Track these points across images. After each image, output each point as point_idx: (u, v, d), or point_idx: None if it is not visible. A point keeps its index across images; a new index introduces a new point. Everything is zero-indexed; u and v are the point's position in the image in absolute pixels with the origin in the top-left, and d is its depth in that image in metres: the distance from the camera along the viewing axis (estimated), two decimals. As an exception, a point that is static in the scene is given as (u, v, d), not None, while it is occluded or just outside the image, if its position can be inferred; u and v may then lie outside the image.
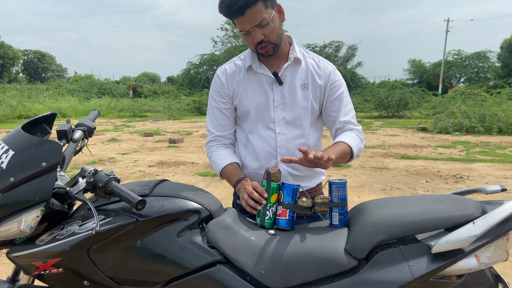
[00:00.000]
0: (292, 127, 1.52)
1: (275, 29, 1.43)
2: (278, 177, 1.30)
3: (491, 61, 34.05)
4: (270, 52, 1.47)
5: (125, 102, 21.99)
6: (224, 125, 1.60)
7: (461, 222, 1.13)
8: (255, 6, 1.35)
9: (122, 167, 6.81)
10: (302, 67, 1.55)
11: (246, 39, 1.44)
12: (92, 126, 1.52)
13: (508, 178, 6.05)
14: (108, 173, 1.15)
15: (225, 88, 1.57)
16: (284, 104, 1.51)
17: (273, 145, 1.52)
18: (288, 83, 1.52)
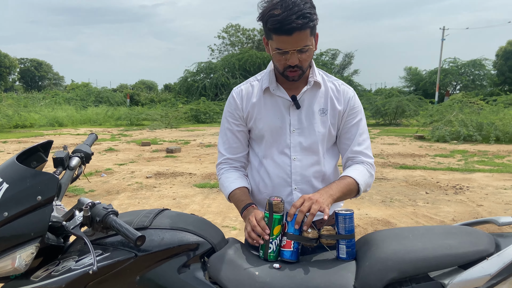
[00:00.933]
0: (308, 153, 1.47)
1: (311, 56, 1.39)
2: (280, 208, 1.26)
3: (487, 68, 34.28)
4: (296, 78, 1.41)
5: (122, 111, 21.93)
6: (236, 147, 1.55)
7: (475, 259, 1.09)
8: (304, 31, 1.29)
9: (119, 179, 6.74)
10: (322, 91, 1.50)
11: (277, 57, 1.37)
12: (89, 152, 1.48)
13: (507, 188, 6.03)
14: (106, 206, 1.10)
15: (239, 110, 1.52)
16: (301, 129, 1.46)
17: (288, 171, 1.47)
18: (306, 107, 1.47)
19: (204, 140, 12.81)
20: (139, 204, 5.18)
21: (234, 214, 4.70)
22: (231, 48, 41.84)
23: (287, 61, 1.35)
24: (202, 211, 4.84)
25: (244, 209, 1.41)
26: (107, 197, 5.51)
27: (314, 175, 1.48)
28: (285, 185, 1.48)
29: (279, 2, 1.27)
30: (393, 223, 4.41)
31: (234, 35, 42.05)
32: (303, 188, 1.48)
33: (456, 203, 5.22)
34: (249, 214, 1.35)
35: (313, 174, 1.47)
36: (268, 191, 1.50)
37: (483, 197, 5.52)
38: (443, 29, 33.18)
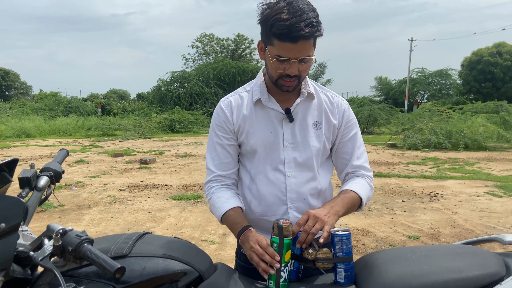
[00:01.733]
0: (303, 169, 1.39)
1: (309, 67, 1.32)
2: (290, 231, 1.15)
3: (453, 78, 35.52)
4: (291, 89, 1.33)
5: (93, 121, 21.35)
6: (227, 163, 1.44)
7: (486, 283, 1.03)
8: (309, 40, 1.23)
9: (91, 192, 6.49)
10: (315, 103, 1.43)
11: (276, 65, 1.28)
12: (59, 170, 1.35)
13: (480, 195, 6.16)
14: (79, 234, 0.99)
15: (229, 122, 1.42)
16: (295, 143, 1.38)
17: (283, 189, 1.38)
18: (299, 120, 1.39)
19: (180, 150, 12.59)
20: (112, 218, 4.98)
21: (212, 228, 4.57)
22: (205, 57, 41.69)
23: (286, 70, 1.27)
24: (179, 225, 4.69)
25: (241, 233, 1.29)
26: (77, 212, 5.27)
27: (310, 192, 1.40)
28: (280, 204, 1.39)
29: (285, 6, 1.19)
30: (372, 233, 4.39)
31: (208, 44, 41.97)
32: (299, 206, 1.40)
33: (432, 211, 5.28)
34: (248, 239, 1.24)
35: (309, 191, 1.39)
36: (261, 210, 1.41)
37: (457, 205, 5.61)
38: (411, 40, 34.22)
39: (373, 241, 4.14)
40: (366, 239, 4.20)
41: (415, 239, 4.17)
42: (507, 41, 32.37)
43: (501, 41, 32.45)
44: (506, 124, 14.81)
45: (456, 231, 4.42)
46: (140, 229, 4.54)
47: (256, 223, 1.43)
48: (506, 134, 12.97)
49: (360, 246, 3.99)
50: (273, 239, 1.16)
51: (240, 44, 41.54)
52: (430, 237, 4.25)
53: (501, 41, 32.45)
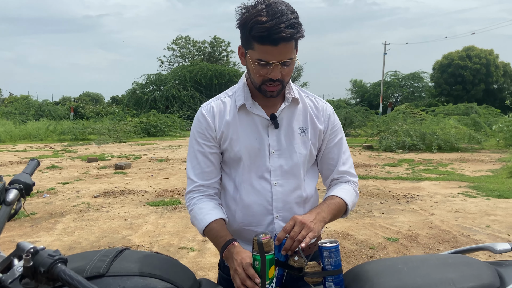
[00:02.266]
0: (289, 176, 1.35)
1: (292, 71, 1.28)
2: (271, 246, 1.10)
3: (425, 81, 36.50)
4: (275, 94, 1.29)
5: (65, 125, 20.76)
6: (209, 172, 1.37)
7: None
8: (290, 42, 1.19)
9: (64, 199, 6.27)
10: (300, 108, 1.39)
11: (257, 69, 1.24)
12: (30, 183, 1.25)
13: (454, 196, 6.30)
14: (52, 253, 0.91)
15: (211, 129, 1.36)
16: (281, 150, 1.34)
17: (269, 198, 1.33)
18: (285, 127, 1.35)
19: (156, 154, 12.38)
20: (86, 227, 4.82)
21: (191, 234, 4.48)
22: (181, 60, 41.33)
23: (269, 74, 1.23)
24: (156, 232, 4.58)
25: (224, 247, 1.24)
26: (50, 220, 5.08)
27: (296, 200, 1.36)
28: (265, 214, 1.34)
29: (264, 9, 1.15)
30: (352, 236, 4.40)
31: (184, 47, 41.62)
32: (285, 215, 1.35)
33: (410, 213, 5.35)
34: (232, 256, 1.19)
35: (295, 199, 1.35)
36: (246, 220, 1.35)
37: (433, 206, 5.71)
38: (385, 44, 34.94)
39: (353, 244, 4.14)
40: (346, 243, 4.20)
41: (394, 241, 4.21)
42: (476, 45, 33.50)
43: (470, 45, 33.54)
44: (477, 125, 15.28)
45: (434, 233, 4.48)
46: (116, 237, 4.40)
47: (240, 233, 1.38)
48: (477, 135, 13.38)
49: (341, 250, 3.98)
50: (254, 256, 1.10)
51: (217, 46, 41.40)
52: (408, 239, 4.29)
53: (470, 45, 33.54)
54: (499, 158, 10.84)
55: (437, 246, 4.06)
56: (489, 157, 11.23)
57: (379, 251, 3.94)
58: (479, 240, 4.23)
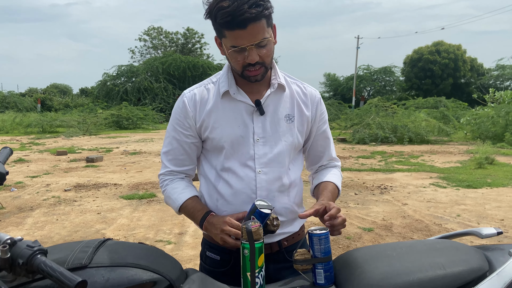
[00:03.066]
0: (274, 164, 1.31)
1: (271, 51, 1.24)
2: (261, 234, 1.08)
3: (396, 75, 37.31)
4: (259, 78, 1.25)
5: (32, 117, 20.02)
6: (182, 160, 1.36)
7: (470, 279, 1.02)
8: (259, 22, 1.15)
9: (33, 193, 6.05)
10: (286, 94, 1.35)
11: (234, 56, 1.21)
12: (3, 171, 1.17)
13: (426, 186, 6.47)
14: (30, 244, 0.86)
15: (190, 118, 1.32)
16: (266, 138, 1.30)
17: (252, 186, 1.30)
18: (270, 113, 1.31)
19: (129, 147, 12.12)
20: (57, 221, 4.66)
21: (167, 227, 4.41)
22: (153, 51, 40.55)
23: (246, 60, 1.19)
24: (131, 226, 4.48)
25: (203, 219, 1.26)
26: (19, 215, 4.88)
27: (280, 189, 1.33)
28: (249, 202, 1.30)
29: (229, 11, 1.12)
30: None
31: (156, 38, 40.82)
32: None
33: (384, 203, 5.46)
34: (213, 224, 1.23)
35: (278, 188, 1.32)
36: (229, 209, 1.31)
37: (406, 196, 5.85)
38: (358, 38, 35.41)
39: (330, 235, 4.19)
40: (323, 233, 4.24)
41: (369, 231, 4.28)
42: (445, 40, 34.47)
43: (440, 40, 34.50)
44: (445, 118, 15.75)
45: (407, 222, 4.58)
46: (90, 232, 4.28)
47: None
48: (446, 128, 13.80)
49: (318, 240, 4.02)
50: (243, 244, 1.08)
51: (190, 38, 40.83)
52: (383, 228, 4.38)
53: (440, 40, 34.50)
54: (467, 150, 11.22)
55: (411, 235, 4.16)
56: (458, 149, 11.61)
57: (355, 241, 4.00)
58: (450, 229, 4.36)
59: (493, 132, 12.99)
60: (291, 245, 1.39)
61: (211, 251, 1.38)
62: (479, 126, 13.49)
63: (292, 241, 1.40)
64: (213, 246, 1.37)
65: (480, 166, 8.20)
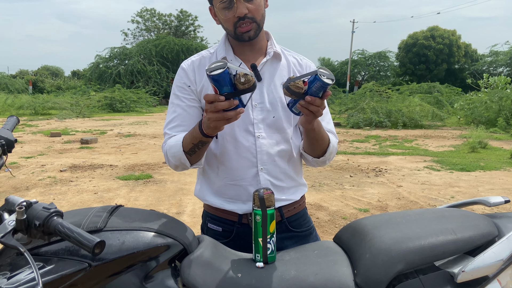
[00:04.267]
0: (273, 130, 1.32)
1: (261, 6, 1.25)
2: (272, 201, 1.09)
3: (391, 60, 37.19)
4: (252, 34, 1.25)
5: (24, 99, 19.80)
6: (187, 125, 1.30)
7: (480, 244, 1.04)
8: None
9: (28, 173, 6.01)
10: (283, 63, 1.37)
11: (224, 14, 1.22)
12: (11, 138, 1.17)
13: (420, 170, 6.54)
14: (47, 206, 0.86)
15: (192, 82, 1.32)
16: (263, 103, 1.31)
17: (253, 150, 1.30)
18: (267, 80, 1.32)
19: (123, 130, 12.05)
20: (54, 200, 4.65)
21: (165, 207, 4.43)
22: (146, 34, 39.97)
23: (235, 14, 1.21)
24: (128, 205, 4.49)
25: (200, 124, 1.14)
26: (14, 194, 4.85)
27: (280, 154, 1.33)
28: (250, 166, 1.31)
29: None
30: (325, 207, 4.50)
31: (149, 19, 40.19)
32: (270, 168, 1.33)
33: (378, 185, 5.51)
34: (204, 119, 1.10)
35: (278, 153, 1.33)
36: (230, 175, 1.32)
37: (401, 178, 5.91)
38: (353, 22, 35.17)
39: (326, 215, 4.23)
40: (320, 213, 4.29)
41: (365, 212, 4.33)
42: (440, 25, 34.34)
43: (435, 25, 34.35)
44: (439, 104, 15.84)
45: (402, 203, 4.65)
46: (87, 211, 4.29)
47: (224, 191, 1.34)
48: (440, 113, 13.87)
49: (315, 220, 4.06)
50: (255, 211, 1.09)
51: (184, 20, 40.27)
52: (378, 209, 4.43)
53: (435, 25, 34.35)
54: (460, 134, 11.32)
55: (406, 215, 4.23)
56: (451, 133, 11.70)
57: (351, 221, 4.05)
58: (444, 209, 4.43)
59: (486, 117, 13.10)
60: (293, 215, 1.41)
61: (212, 223, 1.39)
62: (472, 111, 13.58)
63: (293, 211, 1.41)
64: (215, 217, 1.38)
65: (473, 150, 8.29)
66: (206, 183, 1.40)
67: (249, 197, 1.30)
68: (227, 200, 1.34)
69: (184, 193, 4.99)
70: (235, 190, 1.33)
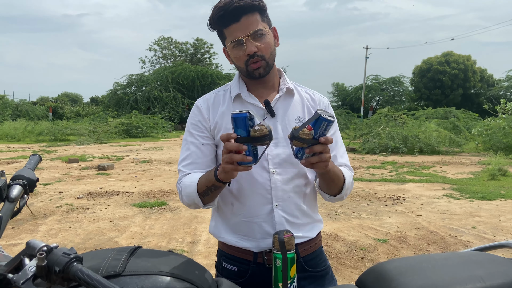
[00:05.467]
0: (287, 165, 1.31)
1: (270, 45, 1.27)
2: (293, 244, 1.07)
3: (405, 85, 37.16)
4: (262, 71, 1.28)
5: (44, 125, 20.27)
6: (200, 164, 1.32)
7: None
8: (252, 14, 1.22)
9: (45, 200, 6.09)
10: (296, 99, 1.38)
11: (235, 53, 1.26)
12: (33, 178, 1.19)
13: (439, 198, 6.39)
14: (67, 251, 0.85)
15: (205, 120, 1.34)
16: (278, 139, 1.31)
17: (267, 187, 1.29)
18: (281, 116, 1.33)
19: (139, 155, 12.18)
20: (71, 228, 4.68)
21: (180, 236, 4.40)
22: (163, 61, 40.95)
23: (245, 52, 1.24)
24: (144, 234, 4.48)
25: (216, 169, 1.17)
26: (32, 222, 4.91)
27: (295, 189, 1.32)
28: (265, 203, 1.30)
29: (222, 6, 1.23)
30: (342, 237, 4.41)
31: (166, 48, 41.25)
32: (285, 205, 1.31)
33: (397, 214, 5.40)
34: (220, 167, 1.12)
35: (293, 189, 1.32)
36: (244, 211, 1.31)
37: (419, 207, 5.78)
38: (367, 48, 35.42)
39: (344, 246, 4.14)
40: (337, 244, 4.20)
41: (384, 242, 4.23)
42: (454, 51, 34.33)
43: (449, 51, 34.36)
44: (456, 129, 15.62)
45: (422, 234, 4.52)
46: (103, 239, 4.29)
47: (239, 228, 1.33)
48: (457, 138, 13.67)
49: (332, 251, 3.98)
50: (275, 254, 1.07)
51: (200, 48, 41.19)
52: (398, 240, 4.32)
53: (449, 51, 34.36)
54: (479, 161, 11.10)
55: (427, 247, 4.10)
56: (469, 160, 11.48)
57: (370, 252, 3.95)
58: (466, 241, 4.29)
59: (505, 143, 12.84)
60: (309, 254, 1.38)
61: (227, 262, 1.37)
62: (490, 137, 13.34)
63: (309, 250, 1.38)
64: (230, 256, 1.36)
65: (493, 178, 8.09)
66: (220, 219, 1.39)
67: (264, 234, 1.29)
68: (242, 237, 1.33)
69: (199, 221, 4.97)
70: (250, 227, 1.31)
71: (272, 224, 1.29)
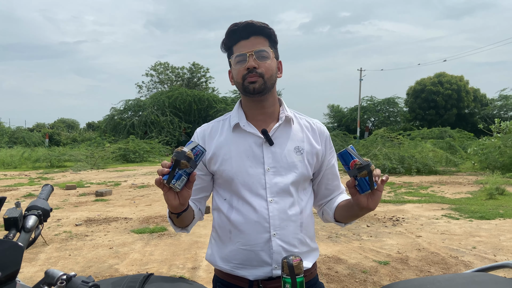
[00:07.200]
0: (285, 194, 1.33)
1: (271, 68, 1.32)
2: (302, 268, 1.09)
3: (400, 106, 37.55)
4: (257, 86, 1.30)
5: (40, 152, 20.26)
6: (197, 189, 1.40)
7: None
8: (262, 37, 1.31)
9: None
10: (295, 128, 1.40)
11: (237, 68, 1.32)
12: (47, 208, 1.22)
13: (438, 218, 6.40)
14: (85, 280, 0.88)
15: None
16: (277, 167, 1.33)
17: (265, 215, 1.31)
18: (280, 144, 1.36)
19: (136, 180, 12.16)
20: (70, 256, 4.64)
21: (180, 261, 4.38)
22: (160, 86, 41.31)
23: (246, 66, 1.29)
24: (144, 260, 4.45)
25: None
26: (31, 251, 4.87)
27: (292, 218, 1.34)
28: (262, 232, 1.31)
29: (237, 23, 1.33)
30: (343, 260, 4.40)
31: (163, 72, 41.68)
32: (282, 233, 1.32)
33: (397, 235, 5.40)
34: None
35: (290, 217, 1.34)
36: (242, 239, 1.32)
37: (419, 228, 5.79)
38: (361, 70, 35.98)
39: (346, 268, 4.13)
40: (338, 267, 4.19)
41: (385, 265, 4.22)
42: (447, 72, 34.89)
43: (442, 71, 34.92)
44: (452, 149, 15.76)
45: (423, 255, 4.52)
46: (103, 267, 4.25)
47: (236, 255, 1.33)
48: (453, 158, 13.77)
49: (333, 274, 3.97)
50: (284, 279, 1.09)
51: (196, 72, 41.66)
52: (399, 261, 4.32)
53: (442, 71, 34.92)
54: (476, 180, 11.15)
55: (428, 268, 4.10)
56: (467, 179, 11.53)
57: (372, 275, 3.94)
58: (467, 261, 4.29)
59: (501, 162, 12.94)
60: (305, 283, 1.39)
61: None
62: (486, 156, 13.46)
63: (305, 279, 1.39)
64: (225, 283, 1.37)
65: (491, 197, 8.13)
66: (217, 247, 1.39)
67: (260, 262, 1.30)
68: (238, 265, 1.33)
69: (199, 246, 4.95)
70: (247, 255, 1.31)
71: (269, 253, 1.30)
